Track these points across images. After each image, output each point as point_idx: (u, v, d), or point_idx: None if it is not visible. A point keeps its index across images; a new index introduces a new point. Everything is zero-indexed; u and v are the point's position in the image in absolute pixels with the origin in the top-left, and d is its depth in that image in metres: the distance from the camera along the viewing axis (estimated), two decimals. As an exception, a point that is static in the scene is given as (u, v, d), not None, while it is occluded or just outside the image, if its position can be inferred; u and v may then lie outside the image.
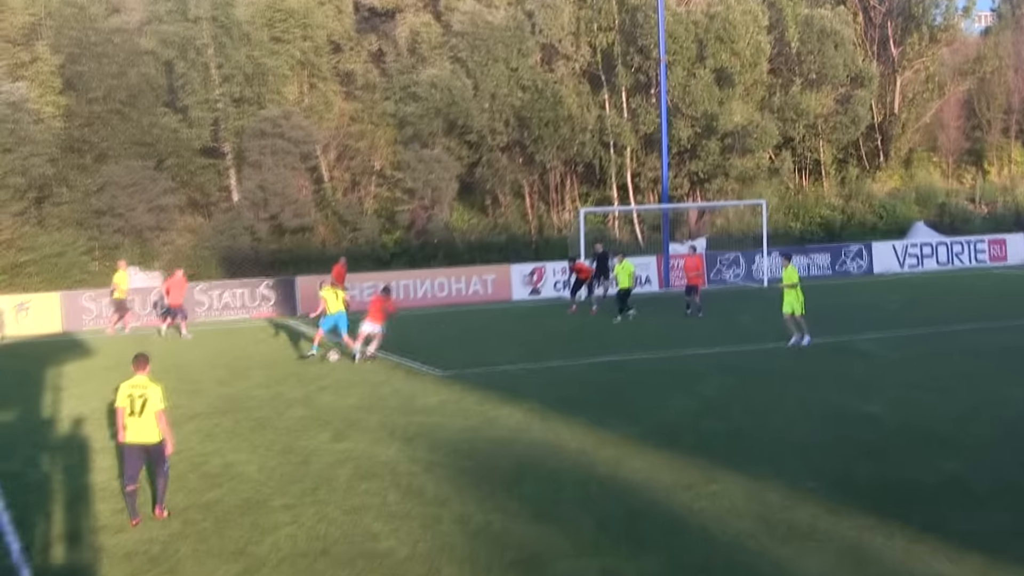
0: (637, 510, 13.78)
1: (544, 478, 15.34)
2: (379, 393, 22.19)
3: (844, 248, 45.98)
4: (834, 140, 54.87)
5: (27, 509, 14.77)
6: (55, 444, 18.77)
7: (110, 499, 15.12)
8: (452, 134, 48.22)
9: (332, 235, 46.66)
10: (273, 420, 19.77)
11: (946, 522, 12.81)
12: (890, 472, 15.02)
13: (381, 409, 20.54)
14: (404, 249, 45.73)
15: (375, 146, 48.56)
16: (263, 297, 37.95)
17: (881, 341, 26.59)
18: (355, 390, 22.58)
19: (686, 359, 25.01)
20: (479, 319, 34.60)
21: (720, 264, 43.56)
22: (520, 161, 49.61)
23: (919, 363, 23.49)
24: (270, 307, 37.93)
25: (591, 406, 19.92)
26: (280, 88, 47.18)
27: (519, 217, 50.13)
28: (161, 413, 13.89)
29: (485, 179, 48.65)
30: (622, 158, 50.33)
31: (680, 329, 29.73)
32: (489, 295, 39.97)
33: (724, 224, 50.98)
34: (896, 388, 20.75)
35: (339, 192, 48.62)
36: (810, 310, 25.77)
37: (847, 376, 22.16)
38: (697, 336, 28.32)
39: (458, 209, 49.47)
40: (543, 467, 15.92)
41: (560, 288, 40.78)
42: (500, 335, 30.51)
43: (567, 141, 48.49)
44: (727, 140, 49.86)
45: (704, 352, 25.80)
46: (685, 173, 50.74)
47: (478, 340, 29.64)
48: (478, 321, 34.13)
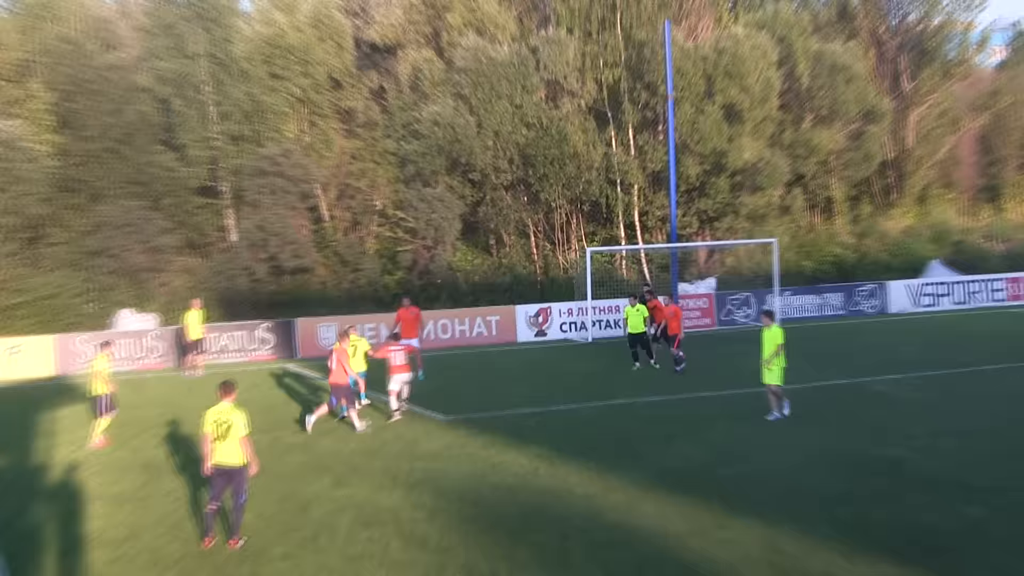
0: (647, 558, 13.70)
1: (551, 525, 15.29)
2: (381, 438, 22.12)
3: (857, 287, 45.89)
4: (846, 177, 54.68)
5: (19, 559, 14.71)
6: (48, 491, 18.73)
7: (104, 548, 15.09)
8: (455, 172, 48.34)
9: (332, 276, 46.47)
10: (271, 466, 19.64)
11: (968, 570, 12.68)
12: (909, 518, 14.98)
13: (383, 454, 20.49)
14: (406, 290, 45.09)
15: (376, 185, 48.48)
16: (261, 340, 37.85)
17: (898, 383, 26.44)
18: (356, 435, 22.53)
19: (696, 403, 24.86)
20: (483, 362, 34.50)
21: (730, 304, 43.43)
22: (525, 200, 49.67)
23: (938, 405, 23.32)
24: (269, 350, 37.84)
25: (599, 451, 19.82)
26: (279, 126, 47.29)
27: (524, 257, 50.16)
28: (245, 439, 15.04)
29: (489, 218, 48.71)
30: (629, 196, 50.27)
31: (690, 372, 29.51)
32: (493, 337, 39.85)
33: (734, 263, 50.72)
34: (915, 431, 20.62)
35: (339, 232, 48.48)
36: (824, 351, 25.40)
37: (863, 419, 22.02)
38: (707, 379, 28.11)
39: (461, 249, 49.49)
40: (550, 514, 15.88)
41: (567, 329, 40.59)
42: (505, 378, 30.38)
43: (573, 179, 48.51)
44: (737, 177, 49.83)
45: (714, 395, 25.62)
46: (694, 211, 50.68)
47: (482, 383, 29.48)
48: (482, 364, 34.02)
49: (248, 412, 15.20)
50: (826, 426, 21.54)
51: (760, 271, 48.10)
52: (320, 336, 38.09)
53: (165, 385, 31.91)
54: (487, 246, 50.60)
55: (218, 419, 15.12)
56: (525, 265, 49.71)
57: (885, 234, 54.97)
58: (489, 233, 50.01)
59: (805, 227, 55.06)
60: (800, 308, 44.46)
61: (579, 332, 40.79)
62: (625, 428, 22.19)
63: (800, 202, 53.69)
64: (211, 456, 15.15)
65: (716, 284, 46.87)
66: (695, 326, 41.75)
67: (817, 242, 53.65)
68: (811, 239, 54.00)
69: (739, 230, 51.06)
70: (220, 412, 15.17)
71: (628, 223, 51.04)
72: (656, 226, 51.18)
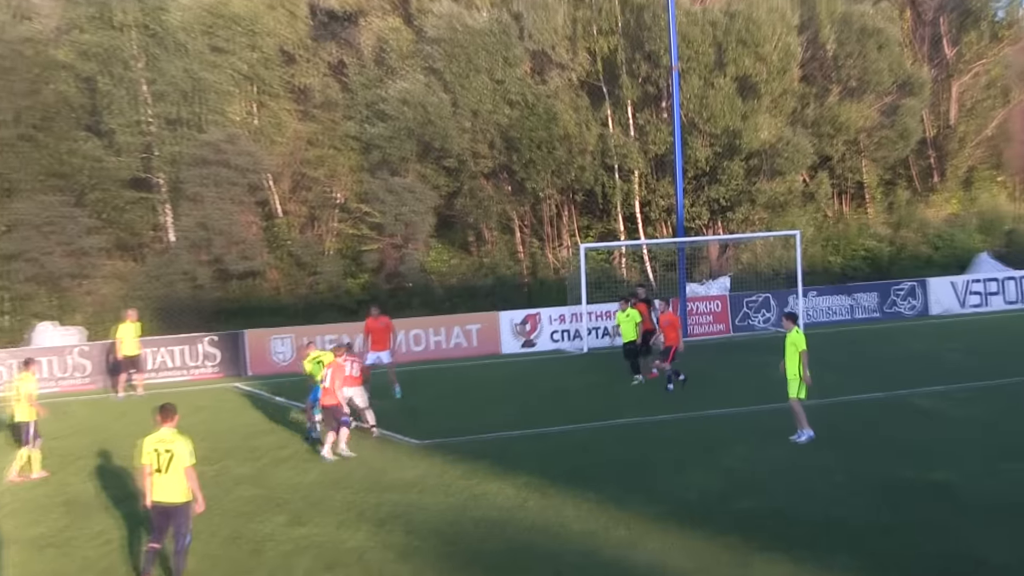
0: (655, 604, 13.62)
1: (542, 564, 15.22)
2: (344, 467, 22.01)
3: (894, 286, 45.90)
4: (880, 158, 54.57)
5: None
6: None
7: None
8: (427, 159, 48.18)
9: (287, 280, 46.52)
10: (219, 500, 19.38)
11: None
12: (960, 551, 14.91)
13: (347, 486, 20.35)
14: (373, 295, 45.19)
15: (336, 174, 48.58)
16: (206, 355, 37.83)
17: (943, 396, 26.37)
18: (316, 464, 22.39)
19: (711, 421, 24.81)
20: (462, 377, 34.35)
21: (747, 307, 43.43)
22: (508, 190, 49.48)
23: (991, 423, 23.19)
24: (214, 367, 37.73)
25: (598, 479, 19.76)
26: (223, 107, 47.19)
27: (508, 256, 49.90)
28: (189, 470, 14.94)
29: (467, 211, 48.48)
30: (629, 184, 50.18)
31: (702, 386, 29.45)
32: (474, 348, 39.81)
33: (751, 260, 50.51)
34: (964, 453, 20.53)
35: (294, 229, 48.51)
36: (857, 359, 25.24)
37: (904, 439, 21.98)
38: (722, 395, 28.07)
39: (436, 247, 49.34)
40: (541, 551, 15.81)
41: (559, 338, 40.54)
42: (488, 395, 30.31)
43: (563, 165, 48.28)
44: (753, 161, 49.75)
45: (732, 412, 25.61)
46: (704, 200, 50.51)
47: (462, 402, 29.42)
48: (461, 380, 33.84)
49: (192, 439, 15.24)
50: (860, 448, 21.40)
51: (781, 268, 47.81)
52: (273, 350, 38.10)
53: (93, 410, 31.68)
54: (465, 244, 50.48)
55: (157, 448, 14.99)
56: (510, 265, 49.45)
57: (925, 224, 54.89)
58: (467, 229, 49.98)
59: (832, 217, 55.05)
60: (828, 310, 44.49)
61: (572, 342, 40.79)
62: (627, 453, 22.05)
63: (826, 188, 53.49)
64: (149, 492, 15.00)
65: (730, 284, 46.83)
66: (706, 333, 42.06)
67: (846, 234, 53.53)
68: (839, 231, 53.95)
69: (756, 222, 51.05)
70: (159, 440, 15.05)
71: (628, 215, 50.89)
72: (660, 218, 51.09)
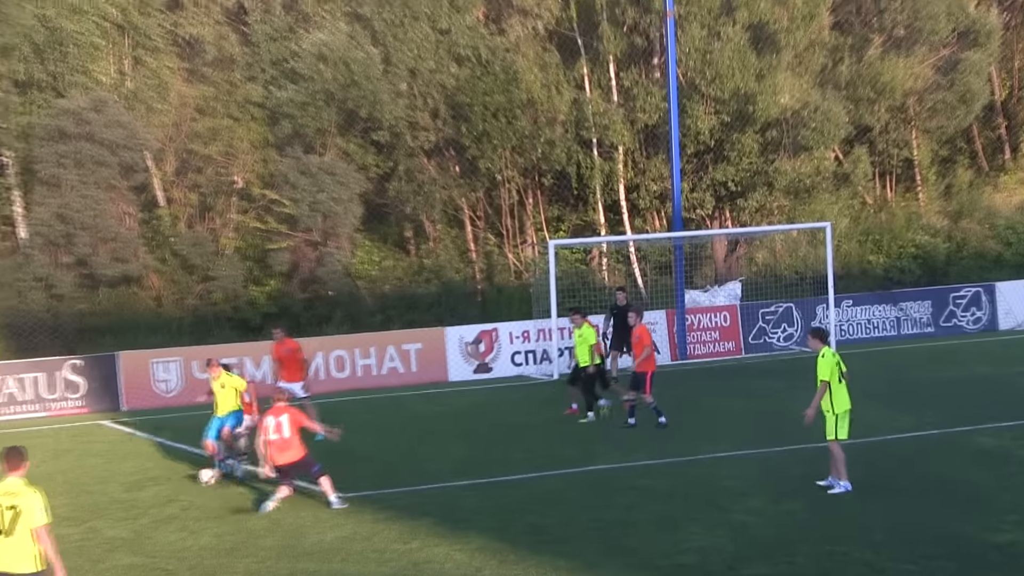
0: None
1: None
2: (248, 527, 21.84)
3: (952, 292, 45.90)
4: (934, 129, 54.66)
5: None
6: None
7: None
8: (352, 132, 48.33)
9: (172, 288, 46.61)
10: (84, 572, 19.18)
11: None
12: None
13: (250, 552, 20.18)
14: (283, 307, 45.61)
15: (235, 152, 48.58)
16: (67, 385, 37.80)
17: (1013, 434, 26.41)
18: (211, 523, 22.19)
19: (714, 467, 24.83)
20: (398, 412, 34.29)
21: (763, 321, 43.50)
22: (457, 171, 49.59)
23: None
24: (79, 400, 37.84)
25: (571, 541, 19.67)
26: (87, 65, 46.88)
27: (457, 256, 49.93)
28: (42, 531, 14.43)
29: (404, 199, 48.52)
30: (611, 164, 50.38)
31: (700, 422, 29.63)
32: (413, 374, 39.89)
33: (768, 260, 50.88)
34: None
35: (181, 223, 48.27)
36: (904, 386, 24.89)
37: (963, 489, 21.99)
38: (729, 432, 28.12)
39: (364, 245, 49.50)
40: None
41: (521, 361, 40.84)
42: (432, 435, 30.32)
43: (527, 139, 48.29)
44: (770, 133, 49.99)
45: (741, 456, 25.70)
46: (707, 184, 50.76)
47: (398, 443, 29.42)
48: (397, 415, 33.81)
49: (46, 492, 14.92)
50: (906, 499, 21.38)
51: (807, 271, 47.84)
52: (154, 377, 38.32)
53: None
54: (402, 241, 50.98)
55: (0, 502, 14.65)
56: (459, 268, 49.44)
57: (993, 212, 54.94)
58: (404, 221, 50.47)
59: (873, 205, 55.44)
60: (867, 325, 44.82)
61: (539, 366, 41.16)
62: (606, 507, 21.94)
63: (865, 168, 53.70)
64: None
65: (742, 291, 47.34)
66: (710, 354, 42.73)
67: (891, 227, 53.40)
68: (882, 222, 53.90)
69: (775, 211, 51.43)
70: (5, 493, 14.70)
71: (610, 203, 51.49)
72: (651, 207, 51.72)
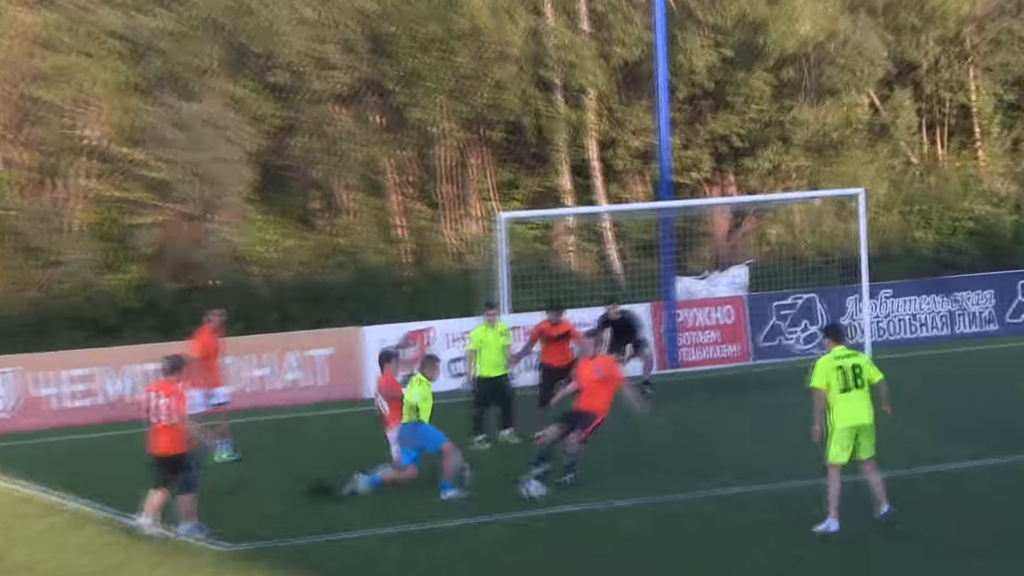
0: None
1: None
2: None
3: (1020, 279, 45.22)
4: (998, 67, 55.40)
5: None
6: None
7: None
8: (243, 72, 47.97)
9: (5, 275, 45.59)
10: None
11: None
12: None
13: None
14: (150, 301, 44.91)
15: (89, 98, 46.93)
16: None
17: None
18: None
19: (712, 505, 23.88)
20: (302, 436, 33.87)
21: (776, 316, 42.46)
22: (379, 123, 49.54)
23: None
24: None
25: None
26: None
27: (379, 234, 49.62)
28: None
29: (309, 160, 48.25)
30: (580, 112, 50.09)
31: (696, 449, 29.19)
32: (322, 388, 38.87)
33: (784, 238, 51.38)
34: None
35: (17, 191, 46.96)
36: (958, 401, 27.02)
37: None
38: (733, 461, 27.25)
39: (257, 220, 48.73)
40: None
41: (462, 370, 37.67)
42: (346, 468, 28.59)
43: (471, 81, 48.09)
44: (787, 72, 50.43)
45: (749, 492, 24.68)
46: (705, 139, 50.79)
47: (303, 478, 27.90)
48: (300, 440, 33.31)
49: None
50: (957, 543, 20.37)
51: (834, 251, 47.45)
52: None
53: None
54: (306, 214, 50.43)
55: None
56: (381, 249, 49.37)
57: None
58: (310, 189, 49.94)
59: (920, 165, 55.69)
60: (911, 321, 43.92)
61: None
62: (582, 556, 21.21)
63: (909, 118, 54.36)
64: None
65: (749, 278, 46.33)
66: (708, 360, 41.93)
67: (943, 195, 53.83)
68: (931, 189, 54.36)
69: (792, 173, 51.93)
70: None
71: (578, 164, 51.02)
72: (632, 169, 51.49)
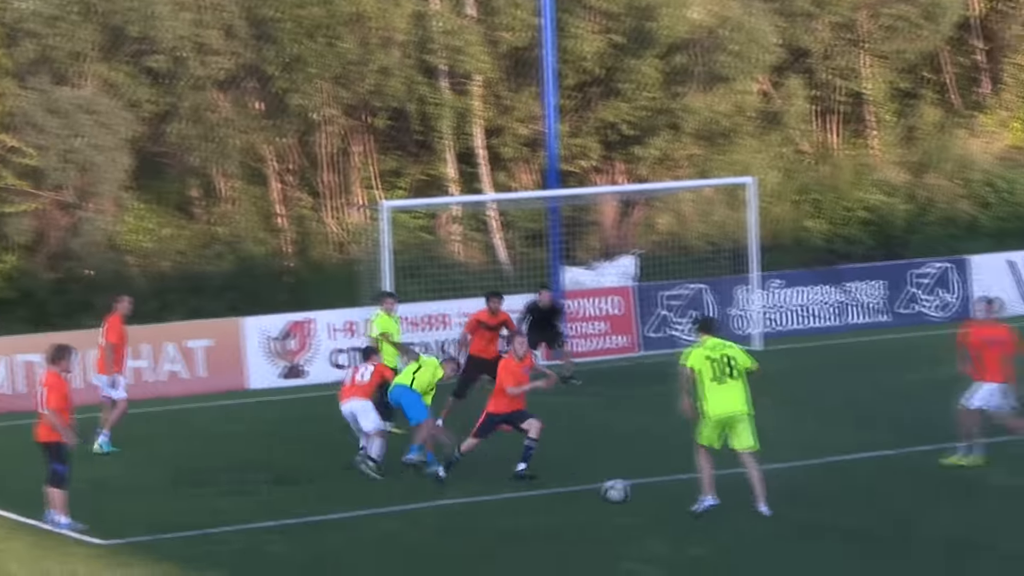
0: None
1: None
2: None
3: (913, 270, 45.66)
4: (892, 54, 54.88)
5: None
6: None
7: None
8: (119, 57, 47.02)
9: None
10: None
11: None
12: None
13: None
14: (23, 291, 44.67)
15: None
16: None
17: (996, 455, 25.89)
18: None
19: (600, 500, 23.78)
20: (182, 429, 34.09)
21: (665, 307, 42.82)
22: (259, 109, 48.97)
23: None
24: None
25: None
26: None
27: (259, 223, 49.00)
28: None
29: (188, 146, 47.35)
30: (466, 99, 49.52)
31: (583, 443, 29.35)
32: (201, 380, 38.95)
33: (673, 227, 51.15)
34: None
35: None
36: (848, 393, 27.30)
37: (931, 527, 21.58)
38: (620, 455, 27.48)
39: (134, 209, 47.99)
40: None
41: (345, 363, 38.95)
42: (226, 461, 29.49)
43: (354, 67, 47.37)
44: (677, 58, 50.04)
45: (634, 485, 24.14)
46: (593, 127, 50.54)
47: (182, 472, 28.35)
48: (180, 433, 33.53)
49: None
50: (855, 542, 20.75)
51: (724, 241, 48.08)
52: None
53: None
54: (185, 203, 49.69)
55: None
56: (261, 238, 48.88)
57: (967, 164, 54.97)
58: (189, 177, 49.22)
59: (812, 154, 55.60)
60: (802, 312, 44.43)
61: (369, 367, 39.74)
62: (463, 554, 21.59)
63: (801, 106, 53.95)
64: None
65: (638, 269, 46.61)
66: (596, 351, 42.15)
67: (835, 183, 53.83)
68: (823, 177, 54.38)
69: (682, 162, 51.91)
70: None
71: (464, 152, 50.67)
72: (519, 157, 51.02)
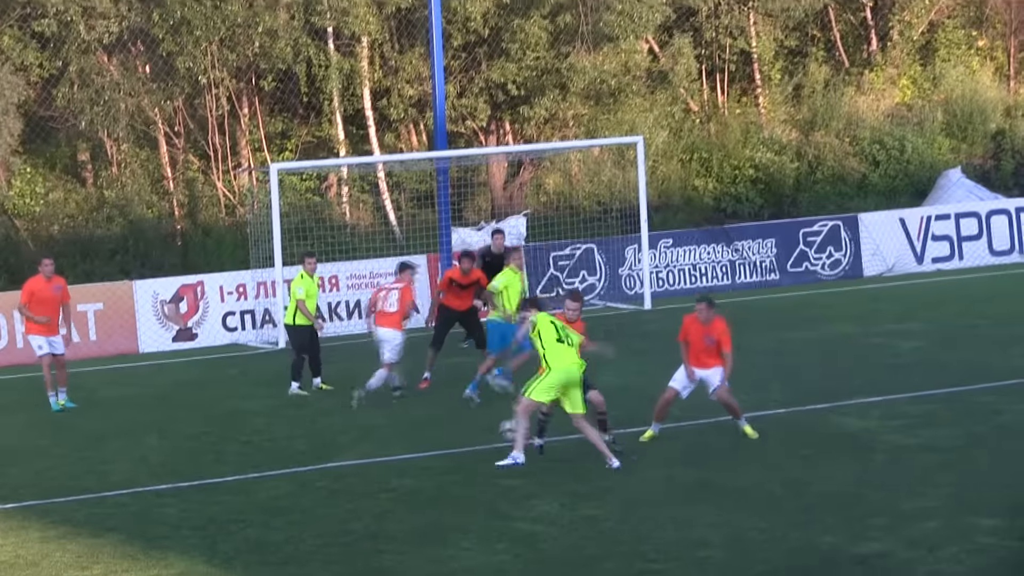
0: None
1: None
2: None
3: (803, 228, 45.24)
4: (778, 12, 54.40)
5: None
6: None
7: None
8: (6, 21, 46.26)
9: None
10: None
11: None
12: None
13: None
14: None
15: None
16: None
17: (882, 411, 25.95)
18: None
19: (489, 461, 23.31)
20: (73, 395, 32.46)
21: (555, 267, 42.92)
22: (147, 72, 48.02)
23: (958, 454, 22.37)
24: None
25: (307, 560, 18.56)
26: None
27: (148, 186, 48.48)
28: None
29: (77, 110, 46.31)
30: (353, 61, 49.00)
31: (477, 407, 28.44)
32: (92, 345, 38.33)
33: (561, 187, 51.06)
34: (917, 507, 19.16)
35: None
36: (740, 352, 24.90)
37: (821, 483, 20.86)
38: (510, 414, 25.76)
39: (23, 173, 47.38)
40: None
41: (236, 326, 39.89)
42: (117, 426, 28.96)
43: (241, 30, 46.62)
44: (563, 18, 49.19)
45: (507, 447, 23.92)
46: (481, 87, 49.90)
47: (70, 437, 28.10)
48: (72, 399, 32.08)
49: None
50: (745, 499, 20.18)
51: (612, 201, 47.61)
52: None
53: None
54: (74, 167, 49.40)
55: None
56: (151, 202, 48.39)
57: (856, 121, 55.02)
58: (78, 140, 48.65)
59: (700, 113, 55.41)
60: (692, 271, 43.93)
61: (260, 331, 40.46)
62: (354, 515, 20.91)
63: (688, 64, 53.16)
64: None
65: (527, 229, 46.63)
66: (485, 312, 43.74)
67: (723, 141, 53.63)
68: (711, 136, 54.28)
69: (570, 122, 51.48)
70: None
71: (351, 114, 50.61)
72: (407, 119, 50.91)
